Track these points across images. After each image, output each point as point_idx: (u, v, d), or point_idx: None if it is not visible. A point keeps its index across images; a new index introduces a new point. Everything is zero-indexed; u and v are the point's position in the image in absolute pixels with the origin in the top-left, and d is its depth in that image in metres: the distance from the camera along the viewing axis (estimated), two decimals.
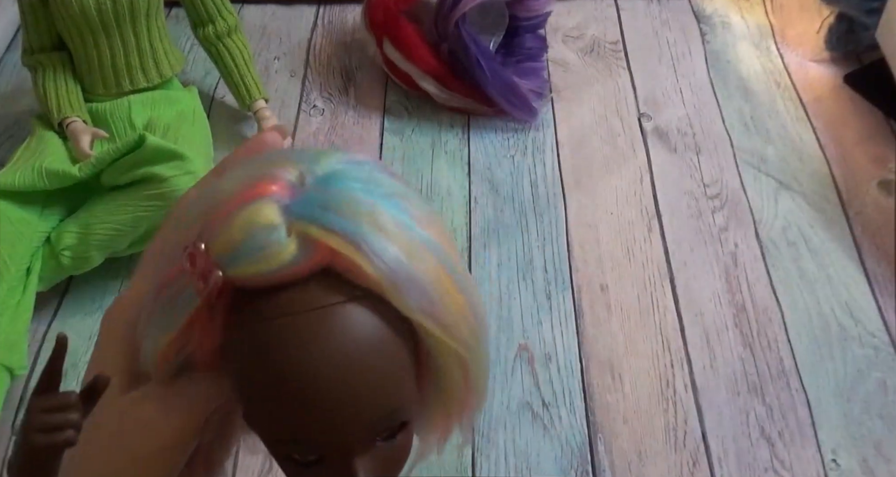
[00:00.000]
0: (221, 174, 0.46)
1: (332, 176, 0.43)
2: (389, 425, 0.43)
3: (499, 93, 1.44)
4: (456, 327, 0.44)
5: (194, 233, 0.43)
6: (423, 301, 0.43)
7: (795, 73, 1.60)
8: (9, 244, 1.13)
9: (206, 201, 0.44)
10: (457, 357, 0.45)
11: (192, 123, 1.32)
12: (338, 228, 0.41)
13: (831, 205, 1.38)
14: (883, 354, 1.18)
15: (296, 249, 0.41)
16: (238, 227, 0.41)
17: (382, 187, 0.44)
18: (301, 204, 0.42)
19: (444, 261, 0.44)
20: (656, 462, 1.07)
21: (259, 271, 0.41)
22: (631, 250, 1.30)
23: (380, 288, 0.42)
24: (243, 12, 1.70)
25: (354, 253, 0.41)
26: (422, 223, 0.44)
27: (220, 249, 0.41)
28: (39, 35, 1.29)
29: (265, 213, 0.41)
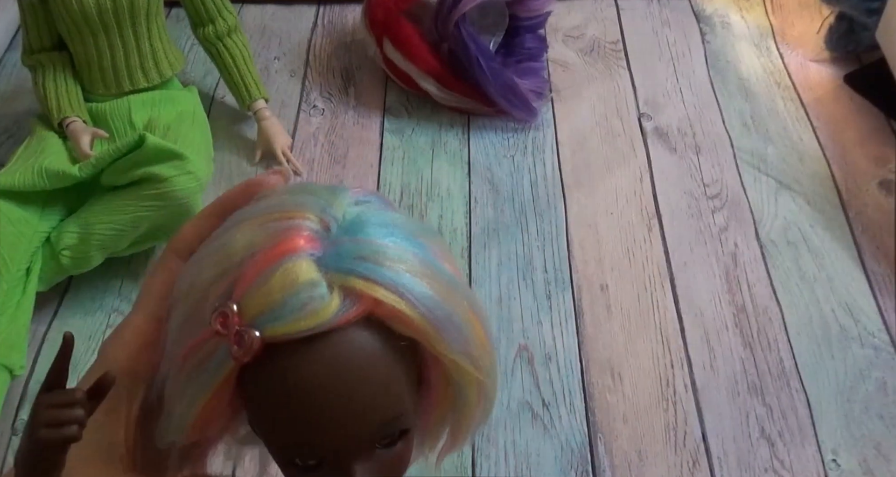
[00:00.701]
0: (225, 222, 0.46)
1: (355, 223, 0.44)
2: (388, 433, 0.43)
3: (499, 93, 1.44)
4: (481, 359, 0.46)
5: (218, 293, 0.42)
6: (459, 341, 0.44)
7: (795, 73, 1.60)
8: (9, 244, 1.13)
9: (224, 259, 0.43)
10: (478, 383, 0.46)
11: (192, 123, 1.32)
12: (379, 279, 0.42)
13: (831, 205, 1.38)
14: (883, 354, 1.18)
15: (339, 302, 0.41)
16: (276, 286, 0.41)
17: (402, 228, 0.45)
18: (334, 256, 0.42)
19: (468, 296, 0.46)
20: (656, 462, 1.07)
21: (302, 328, 0.41)
22: (631, 250, 1.30)
23: (423, 333, 0.43)
24: (243, 12, 1.70)
25: (399, 302, 0.42)
26: (442, 259, 0.45)
27: (258, 309, 0.41)
28: (39, 35, 1.29)
29: (303, 270, 0.41)
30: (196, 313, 0.43)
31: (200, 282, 0.44)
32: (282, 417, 0.42)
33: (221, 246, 0.44)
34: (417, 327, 0.43)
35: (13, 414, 1.10)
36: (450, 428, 0.50)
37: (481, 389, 0.47)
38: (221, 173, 1.39)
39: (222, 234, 0.45)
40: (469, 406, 0.48)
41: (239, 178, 1.39)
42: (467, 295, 0.46)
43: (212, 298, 0.42)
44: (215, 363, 0.42)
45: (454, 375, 0.46)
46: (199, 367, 0.42)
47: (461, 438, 0.51)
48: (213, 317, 0.41)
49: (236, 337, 0.41)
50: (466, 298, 0.45)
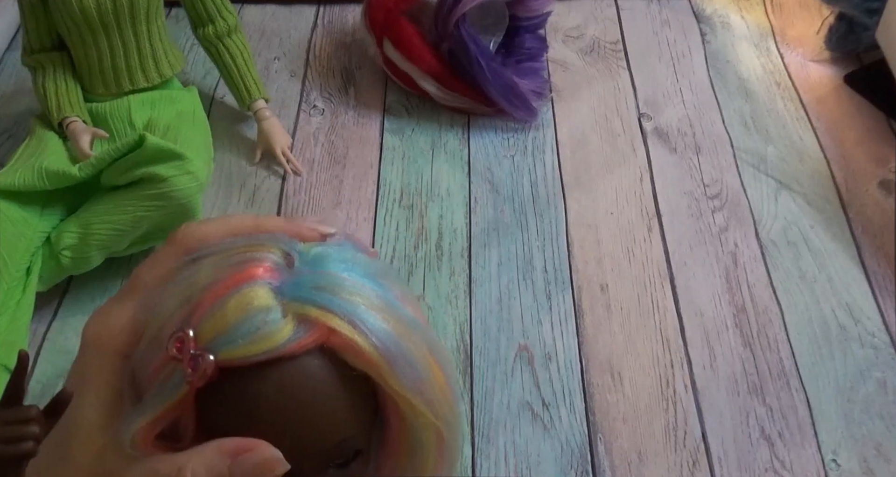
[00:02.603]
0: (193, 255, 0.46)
1: (318, 258, 0.45)
2: (340, 453, 0.44)
3: (499, 93, 1.44)
4: (438, 404, 0.46)
5: (177, 321, 0.43)
6: (413, 379, 0.44)
7: (795, 73, 1.60)
8: (9, 244, 1.13)
9: (187, 288, 0.44)
10: (436, 431, 0.47)
11: (192, 123, 1.32)
12: (335, 308, 0.42)
13: (831, 205, 1.38)
14: (883, 354, 1.18)
15: (292, 329, 0.42)
16: (231, 310, 0.42)
17: (364, 267, 0.45)
18: (293, 286, 0.43)
19: (427, 339, 0.46)
20: (656, 462, 1.07)
21: (254, 352, 0.41)
22: (631, 250, 1.30)
23: (375, 366, 0.43)
24: (243, 12, 1.70)
25: (352, 331, 0.42)
26: (404, 301, 0.46)
27: (212, 333, 0.42)
28: (39, 35, 1.29)
29: (258, 296, 0.42)
30: (157, 340, 0.44)
31: (163, 310, 0.44)
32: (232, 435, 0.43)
33: (186, 277, 0.45)
34: (369, 359, 0.43)
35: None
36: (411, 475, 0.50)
37: (439, 437, 0.47)
38: (221, 173, 1.39)
39: (187, 266, 0.46)
40: (426, 453, 0.48)
41: (239, 178, 1.39)
42: (428, 339, 0.46)
43: (172, 325, 0.43)
44: (171, 386, 0.42)
45: (408, 416, 0.46)
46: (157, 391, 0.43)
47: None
48: (170, 341, 0.42)
49: (191, 361, 0.42)
50: (427, 341, 0.46)
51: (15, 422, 0.41)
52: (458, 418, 0.49)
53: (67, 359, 1.14)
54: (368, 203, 1.37)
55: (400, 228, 1.33)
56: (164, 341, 0.43)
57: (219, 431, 0.43)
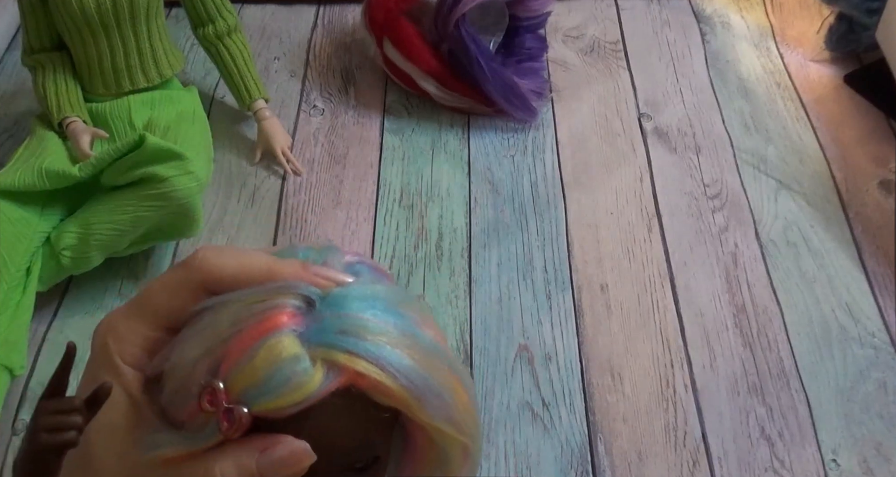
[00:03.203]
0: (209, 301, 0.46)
1: (337, 298, 0.45)
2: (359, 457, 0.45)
3: (499, 93, 1.44)
4: (465, 423, 0.47)
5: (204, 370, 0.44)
6: (440, 407, 0.45)
7: (795, 73, 1.60)
8: (9, 244, 1.13)
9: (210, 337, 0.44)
10: (462, 446, 0.48)
11: (192, 123, 1.32)
12: (361, 352, 0.43)
13: (831, 205, 1.38)
14: (883, 354, 1.18)
15: (322, 375, 0.42)
16: (260, 362, 0.42)
17: (384, 300, 0.46)
18: (317, 331, 0.43)
19: (450, 363, 0.47)
20: (656, 462, 1.07)
21: (288, 403, 0.42)
22: (631, 250, 1.30)
23: (404, 403, 0.44)
24: (243, 12, 1.70)
25: (380, 374, 0.43)
26: (423, 327, 0.47)
27: (243, 386, 0.42)
28: (39, 35, 1.29)
29: (286, 346, 0.42)
30: (183, 389, 0.44)
31: (187, 359, 0.45)
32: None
33: (207, 325, 0.45)
34: (398, 398, 0.44)
35: (13, 414, 1.10)
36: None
37: (466, 451, 0.49)
38: (221, 173, 1.39)
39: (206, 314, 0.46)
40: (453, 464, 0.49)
41: (239, 178, 1.40)
42: (448, 360, 0.47)
43: (197, 375, 0.44)
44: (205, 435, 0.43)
45: (437, 440, 0.47)
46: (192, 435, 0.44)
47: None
48: (202, 395, 0.43)
49: (225, 414, 0.42)
50: (448, 362, 0.47)
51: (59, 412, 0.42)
52: (480, 427, 0.50)
53: None
54: (368, 203, 1.37)
55: (400, 228, 1.33)
56: (191, 391, 0.44)
57: None
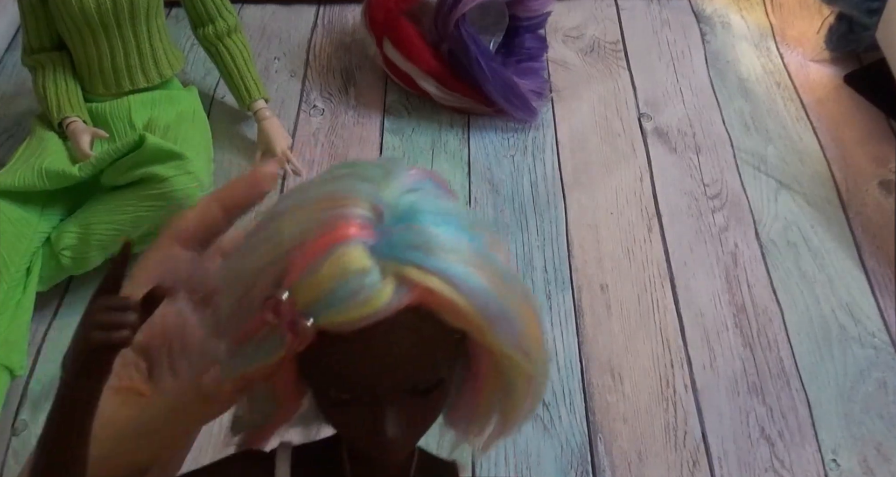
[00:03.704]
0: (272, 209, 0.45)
1: (409, 211, 0.43)
2: (422, 380, 0.44)
3: (499, 93, 1.44)
4: (533, 351, 0.45)
5: (268, 282, 0.42)
6: (511, 334, 0.44)
7: (795, 73, 1.60)
8: (9, 244, 1.13)
9: (274, 247, 0.43)
10: (528, 375, 0.46)
11: (192, 123, 1.32)
12: (433, 268, 0.41)
13: (831, 205, 1.38)
14: (883, 354, 1.18)
15: (392, 290, 0.41)
16: (328, 274, 0.40)
17: (456, 217, 0.44)
18: (387, 244, 0.41)
19: (522, 289, 0.45)
20: (656, 462, 1.07)
21: (355, 317, 0.40)
22: (631, 250, 1.30)
23: (475, 325, 0.43)
24: (243, 12, 1.70)
25: (452, 292, 0.41)
26: (495, 250, 0.45)
27: (309, 298, 0.41)
28: (39, 35, 1.29)
29: (355, 257, 0.41)
30: (246, 300, 0.43)
31: (249, 270, 0.43)
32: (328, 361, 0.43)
33: (270, 234, 0.43)
34: (468, 319, 0.42)
35: (13, 414, 1.10)
36: (498, 416, 0.50)
37: (531, 381, 0.47)
38: (221, 173, 1.39)
39: (270, 222, 0.45)
40: (518, 396, 0.48)
41: None
42: (521, 287, 0.45)
43: (261, 286, 0.42)
44: (268, 349, 0.42)
45: (504, 367, 0.45)
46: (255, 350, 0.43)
47: (509, 426, 0.51)
48: (266, 306, 0.41)
49: (289, 326, 0.41)
50: (520, 290, 0.45)
51: (113, 309, 0.41)
52: (546, 357, 0.48)
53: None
54: None
55: None
56: (254, 303, 0.42)
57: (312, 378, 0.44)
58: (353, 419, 0.45)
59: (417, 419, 0.46)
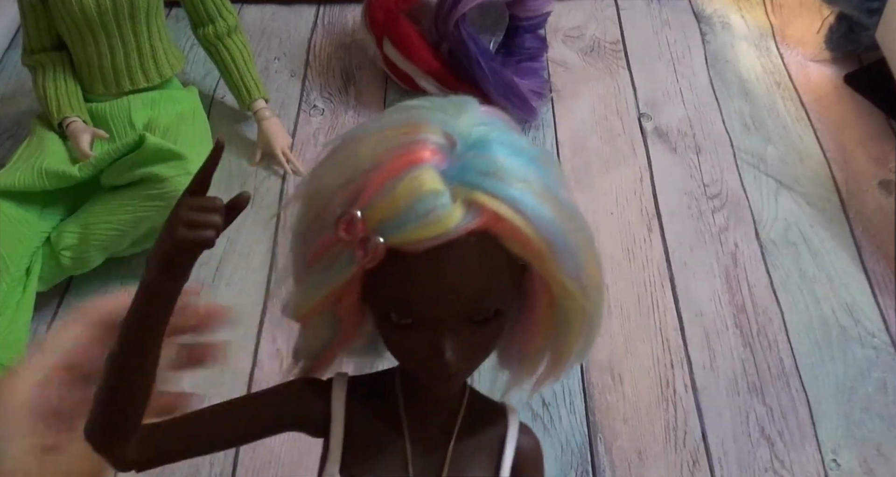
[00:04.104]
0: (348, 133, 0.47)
1: (481, 140, 0.44)
2: (481, 308, 0.45)
3: (499, 93, 1.44)
4: (590, 288, 0.47)
5: (343, 200, 0.44)
6: (572, 267, 0.45)
7: (795, 73, 1.60)
8: (9, 244, 1.13)
9: (350, 168, 0.44)
10: (584, 313, 0.48)
11: (192, 123, 1.32)
12: (502, 195, 0.43)
13: (831, 205, 1.38)
14: (883, 354, 1.18)
15: (462, 213, 0.42)
16: (401, 194, 0.42)
17: (526, 152, 0.45)
18: (459, 170, 0.43)
19: (585, 226, 0.47)
20: (656, 462, 1.07)
21: (425, 236, 0.42)
22: (631, 250, 1.30)
23: (538, 254, 0.44)
24: (243, 12, 1.70)
25: (520, 220, 0.43)
26: (562, 186, 0.46)
27: (381, 217, 0.42)
28: (39, 35, 1.29)
29: (427, 179, 0.42)
30: (321, 218, 0.45)
31: (325, 188, 0.45)
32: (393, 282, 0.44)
33: (346, 157, 0.45)
34: (533, 247, 0.44)
35: None
36: (550, 355, 0.51)
37: (585, 319, 0.49)
38: (221, 173, 1.39)
39: (346, 145, 0.46)
40: (571, 333, 0.49)
41: (239, 178, 1.40)
42: (584, 224, 0.47)
43: (336, 204, 0.44)
44: (339, 266, 0.44)
45: (561, 300, 0.47)
46: (325, 268, 0.45)
47: (560, 366, 0.52)
48: (339, 223, 0.43)
49: (361, 243, 0.42)
50: (584, 226, 0.47)
51: (200, 209, 0.42)
52: (603, 300, 0.50)
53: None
54: None
55: None
56: (328, 221, 0.44)
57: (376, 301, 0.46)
58: (413, 344, 0.47)
59: (473, 349, 0.48)
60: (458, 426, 0.53)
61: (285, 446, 1.05)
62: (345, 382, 0.53)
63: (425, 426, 0.53)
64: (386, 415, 0.52)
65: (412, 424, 0.52)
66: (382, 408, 0.53)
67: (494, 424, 0.55)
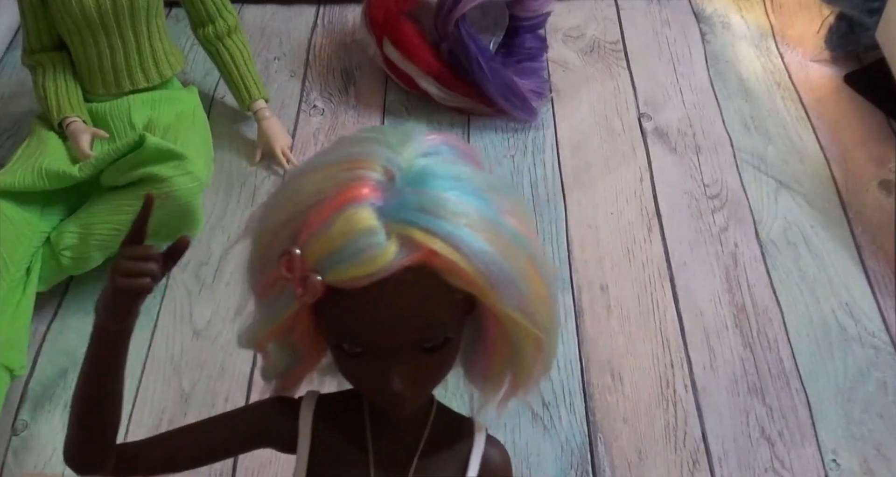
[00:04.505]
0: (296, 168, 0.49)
1: (420, 174, 0.45)
2: (428, 338, 0.47)
3: (499, 93, 1.44)
4: (538, 314, 0.48)
5: (285, 237, 0.45)
6: (515, 297, 0.46)
7: (795, 73, 1.60)
8: (9, 244, 1.13)
9: (292, 205, 0.46)
10: (535, 338, 0.49)
11: (192, 124, 1.32)
12: (438, 231, 0.44)
13: (831, 205, 1.38)
14: (883, 354, 1.18)
15: (395, 250, 0.43)
16: (336, 232, 0.43)
17: (468, 182, 0.46)
18: (396, 206, 0.44)
19: (530, 252, 0.47)
20: (656, 462, 1.07)
21: (359, 274, 0.43)
22: (631, 250, 1.30)
23: (477, 287, 0.45)
24: (243, 12, 1.70)
25: (456, 255, 0.44)
26: (507, 215, 0.47)
27: (319, 255, 0.44)
28: (39, 35, 1.29)
29: (363, 218, 0.43)
30: (267, 254, 0.47)
31: (271, 225, 0.47)
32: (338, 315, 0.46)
33: (291, 193, 0.47)
34: (471, 281, 0.45)
35: (13, 414, 1.10)
36: (510, 376, 0.53)
37: (538, 344, 0.49)
38: (221, 173, 1.39)
39: (293, 181, 0.48)
40: (526, 358, 0.50)
41: (239, 178, 1.39)
42: (529, 250, 0.47)
43: (280, 242, 0.46)
44: (284, 301, 0.46)
45: (509, 329, 0.48)
46: (272, 303, 0.47)
47: (520, 387, 0.53)
48: (280, 261, 0.45)
49: (300, 281, 0.44)
50: (528, 253, 0.47)
51: (137, 258, 0.44)
52: (555, 321, 0.51)
53: (68, 358, 1.14)
54: None
55: None
56: (273, 259, 0.46)
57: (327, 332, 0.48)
58: (364, 372, 0.49)
59: (423, 375, 0.49)
60: (422, 443, 0.54)
61: None
62: (313, 401, 0.55)
63: (390, 444, 0.54)
64: (352, 433, 0.54)
65: (377, 441, 0.54)
66: (349, 426, 0.54)
67: (460, 440, 0.56)
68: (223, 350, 1.14)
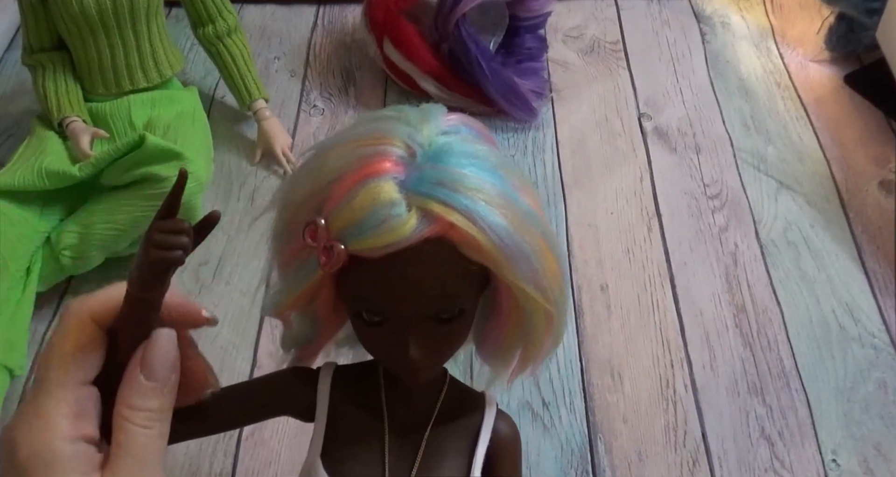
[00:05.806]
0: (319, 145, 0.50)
1: (440, 151, 0.47)
2: (444, 308, 0.49)
3: (499, 93, 1.44)
4: (551, 289, 0.50)
5: (310, 209, 0.48)
6: (528, 271, 0.48)
7: (795, 73, 1.60)
8: (9, 244, 1.13)
9: (317, 179, 0.48)
10: (546, 312, 0.51)
11: (192, 123, 1.32)
12: (456, 204, 0.45)
13: (831, 205, 1.38)
14: (883, 354, 1.18)
15: (416, 222, 0.45)
16: (359, 204, 0.45)
17: (485, 160, 0.48)
18: (416, 180, 0.46)
19: (542, 229, 0.49)
20: (656, 462, 1.07)
21: (380, 243, 0.45)
22: (631, 250, 1.30)
23: (492, 260, 0.47)
24: (243, 12, 1.70)
25: (472, 228, 0.45)
26: (521, 192, 0.49)
27: (342, 225, 0.46)
28: (39, 35, 1.29)
29: (385, 190, 0.45)
30: (292, 225, 0.49)
31: (295, 199, 0.49)
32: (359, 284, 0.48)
33: (315, 168, 0.49)
34: (487, 254, 0.46)
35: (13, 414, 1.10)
36: (521, 351, 0.54)
37: (549, 318, 0.51)
38: (221, 173, 1.39)
39: (317, 156, 0.50)
40: (537, 333, 0.52)
41: (239, 178, 1.39)
42: (542, 227, 0.49)
43: (304, 213, 0.48)
44: (308, 270, 0.48)
45: (522, 302, 0.49)
46: (296, 271, 0.49)
47: (530, 362, 0.55)
48: (305, 231, 0.47)
49: (324, 250, 0.46)
50: (541, 230, 0.49)
51: (169, 231, 0.45)
52: (567, 299, 0.53)
53: None
54: None
55: None
56: (298, 229, 0.48)
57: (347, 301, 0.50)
58: (382, 341, 0.51)
59: (440, 345, 0.51)
60: (435, 413, 0.56)
61: (285, 446, 1.05)
62: (331, 372, 0.57)
63: (405, 413, 0.56)
64: (368, 402, 0.56)
65: (392, 411, 0.56)
66: (365, 396, 0.56)
67: (472, 412, 0.58)
68: (223, 350, 1.14)
